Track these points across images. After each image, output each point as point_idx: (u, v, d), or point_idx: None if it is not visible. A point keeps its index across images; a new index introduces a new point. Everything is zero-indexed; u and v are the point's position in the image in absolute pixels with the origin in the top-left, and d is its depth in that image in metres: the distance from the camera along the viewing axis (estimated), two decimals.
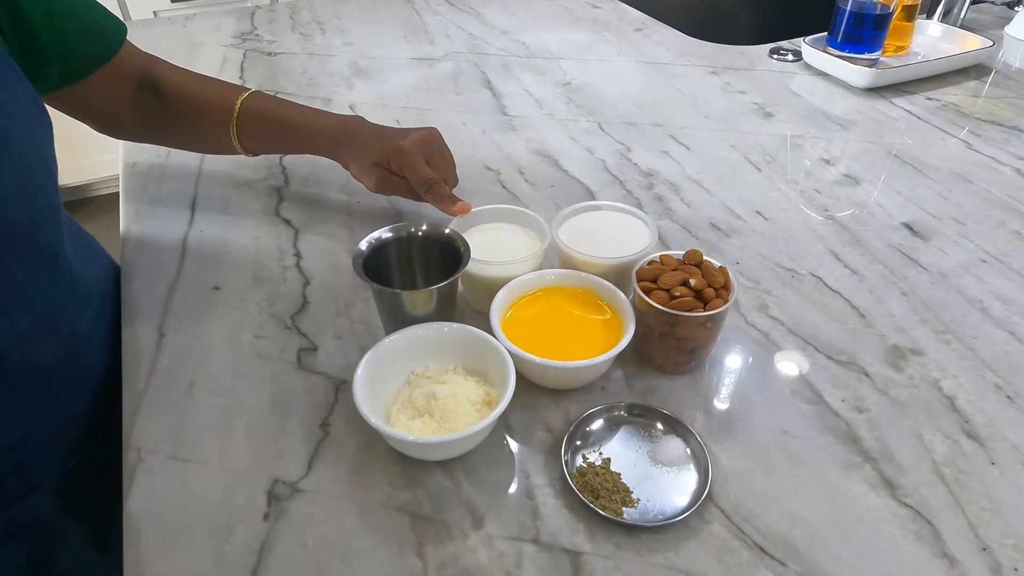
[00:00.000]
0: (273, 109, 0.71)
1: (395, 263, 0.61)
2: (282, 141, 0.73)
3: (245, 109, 0.70)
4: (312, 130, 0.70)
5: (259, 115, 0.70)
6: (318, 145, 0.71)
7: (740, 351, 0.62)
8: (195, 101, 0.71)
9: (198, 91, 0.72)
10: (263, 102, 0.71)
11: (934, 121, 0.97)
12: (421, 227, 0.61)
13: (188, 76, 0.73)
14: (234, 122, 0.70)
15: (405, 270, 0.62)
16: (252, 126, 0.70)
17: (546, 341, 0.57)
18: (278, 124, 0.71)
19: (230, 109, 0.70)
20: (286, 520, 0.48)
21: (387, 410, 0.54)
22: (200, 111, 0.71)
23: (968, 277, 0.70)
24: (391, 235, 0.60)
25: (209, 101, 0.71)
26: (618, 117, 0.98)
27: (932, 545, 0.47)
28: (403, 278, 0.62)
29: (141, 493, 0.50)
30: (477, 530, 0.48)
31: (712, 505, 0.49)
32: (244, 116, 0.70)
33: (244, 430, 0.54)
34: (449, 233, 0.60)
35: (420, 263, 0.62)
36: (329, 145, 0.71)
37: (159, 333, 0.63)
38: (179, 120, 0.72)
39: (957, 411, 0.56)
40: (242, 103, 0.70)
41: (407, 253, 0.61)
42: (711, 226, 0.77)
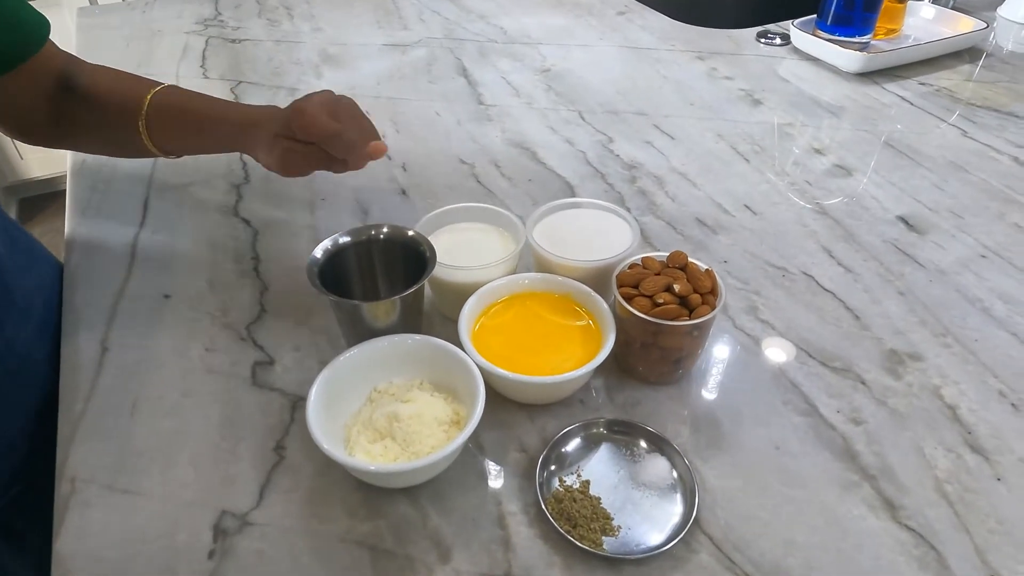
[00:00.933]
0: (184, 102, 0.64)
1: (355, 270, 0.56)
2: (190, 135, 0.64)
3: (155, 103, 0.62)
4: (222, 121, 0.62)
5: (169, 109, 0.62)
6: (229, 136, 0.63)
7: (728, 358, 0.58)
8: (105, 98, 0.63)
9: (109, 87, 0.64)
10: (175, 96, 0.64)
11: (927, 107, 0.93)
12: (382, 230, 0.56)
13: (103, 72, 0.65)
14: (143, 117, 0.61)
15: (366, 277, 0.57)
16: (162, 121, 0.62)
17: (520, 352, 0.53)
18: (188, 117, 0.63)
19: (140, 103, 0.62)
20: (233, 559, 0.44)
21: (347, 431, 0.49)
22: (110, 107, 0.63)
23: (968, 274, 0.66)
24: (349, 239, 0.55)
25: (119, 96, 0.63)
26: (600, 106, 0.93)
27: (937, 573, 0.43)
28: (364, 286, 0.57)
29: (73, 531, 0.45)
30: (443, 565, 0.44)
31: (699, 532, 0.45)
32: (154, 110, 0.62)
33: (190, 456, 0.50)
34: (413, 236, 0.55)
35: (382, 269, 0.57)
36: (238, 135, 0.62)
37: (102, 347, 0.58)
38: (90, 120, 0.64)
39: (960, 422, 0.53)
40: (152, 96, 0.62)
41: (368, 259, 0.56)
42: (697, 222, 0.73)
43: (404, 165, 0.81)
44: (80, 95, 0.63)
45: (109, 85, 0.64)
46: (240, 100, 0.93)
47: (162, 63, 1.02)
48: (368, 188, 0.77)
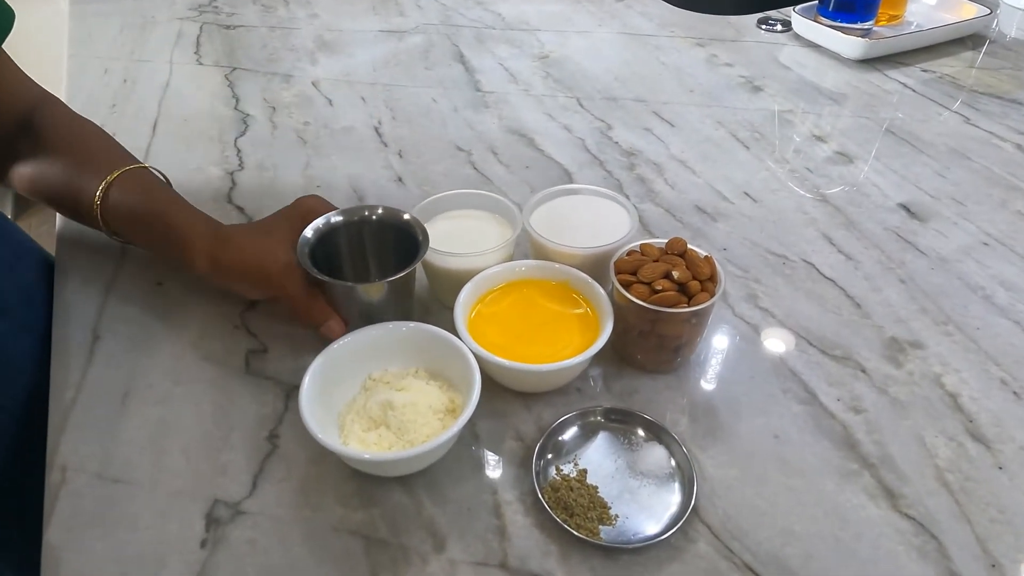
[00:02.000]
0: (149, 187, 0.57)
1: (346, 252, 0.55)
2: (139, 236, 0.58)
3: (123, 178, 0.56)
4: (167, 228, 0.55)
5: (135, 188, 0.56)
6: (185, 242, 0.55)
7: (728, 346, 0.57)
8: (71, 153, 0.58)
9: (82, 141, 0.59)
10: (145, 180, 0.58)
11: (930, 94, 0.92)
12: (376, 211, 0.55)
13: (79, 124, 0.61)
14: (101, 188, 0.55)
15: (358, 259, 0.56)
16: (119, 200, 0.56)
17: (516, 340, 0.52)
18: (139, 218, 0.56)
19: (105, 173, 0.56)
20: (225, 548, 0.43)
21: (340, 420, 0.49)
22: (72, 162, 0.58)
23: (969, 262, 0.65)
24: (341, 219, 0.54)
25: (87, 158, 0.58)
26: (598, 92, 0.92)
27: (937, 562, 0.43)
28: (356, 268, 0.56)
29: (63, 521, 0.45)
30: (438, 554, 0.43)
31: (698, 521, 0.45)
32: (116, 185, 0.56)
33: (182, 445, 0.49)
34: (407, 219, 0.54)
35: (374, 251, 0.56)
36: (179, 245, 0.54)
37: (93, 335, 0.57)
38: (42, 165, 0.58)
39: (961, 410, 0.52)
40: (122, 173, 0.56)
41: (359, 240, 0.55)
42: (696, 209, 0.72)
43: (400, 152, 0.80)
44: (40, 140, 0.58)
45: (77, 142, 0.59)
46: (235, 87, 0.92)
47: (156, 50, 1.01)
48: (363, 175, 0.76)
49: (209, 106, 0.88)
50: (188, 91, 0.91)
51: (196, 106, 0.88)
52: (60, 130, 0.59)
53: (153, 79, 0.94)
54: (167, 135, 0.83)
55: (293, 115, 0.87)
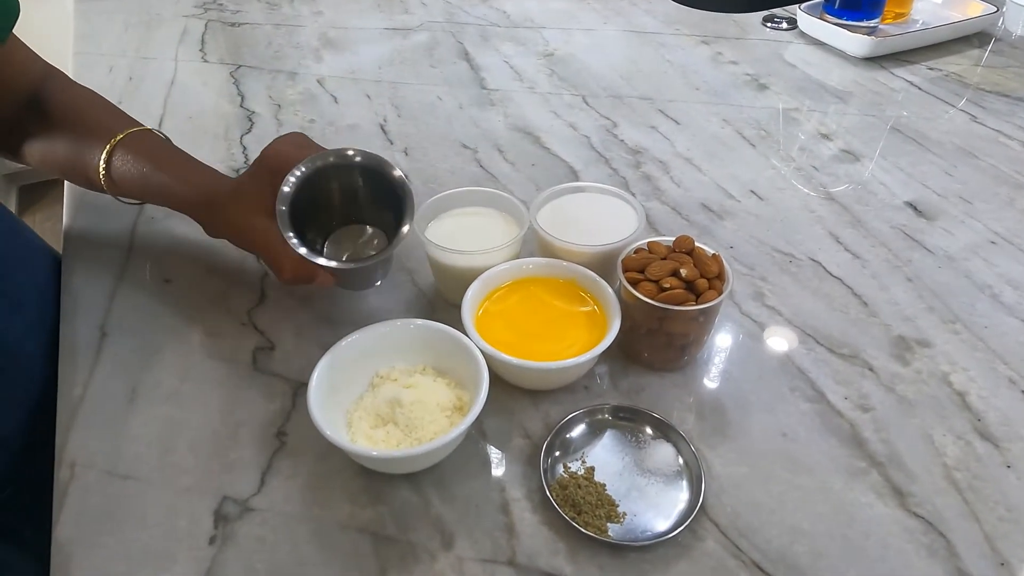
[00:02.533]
0: (149, 156, 0.58)
1: (331, 196, 0.53)
2: (148, 193, 0.59)
3: (125, 142, 0.57)
4: (178, 187, 0.57)
5: (132, 161, 0.57)
6: (188, 207, 0.57)
7: (734, 345, 0.57)
8: (71, 125, 0.59)
9: (80, 114, 0.60)
10: (148, 142, 0.59)
11: (936, 92, 0.92)
12: (355, 157, 0.51)
13: (81, 95, 0.62)
14: (105, 152, 0.57)
15: (345, 202, 0.54)
16: (120, 172, 0.57)
17: (524, 338, 0.52)
18: (149, 176, 0.57)
19: (104, 145, 0.57)
20: (234, 544, 0.43)
21: (348, 417, 0.49)
22: (72, 137, 0.59)
23: (977, 260, 0.65)
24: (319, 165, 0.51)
25: (85, 129, 0.59)
26: (603, 90, 0.92)
27: (946, 560, 0.43)
28: (343, 210, 0.55)
29: (72, 517, 0.45)
30: (447, 551, 0.43)
31: (706, 519, 0.45)
32: (119, 149, 0.57)
33: (190, 442, 0.49)
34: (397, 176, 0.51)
35: (361, 194, 0.54)
36: (194, 206, 0.57)
37: (101, 332, 0.57)
38: (47, 144, 0.60)
39: (969, 408, 0.52)
40: (125, 136, 0.57)
41: (344, 184, 0.53)
42: (703, 207, 0.72)
43: (406, 150, 0.80)
44: (51, 113, 0.59)
45: (80, 112, 0.60)
46: (240, 84, 0.92)
47: (161, 47, 1.01)
48: None
49: (214, 104, 0.88)
50: (193, 88, 0.92)
51: (201, 103, 0.88)
52: (63, 102, 0.60)
53: (158, 76, 0.94)
54: (173, 132, 0.81)
55: (298, 112, 0.87)
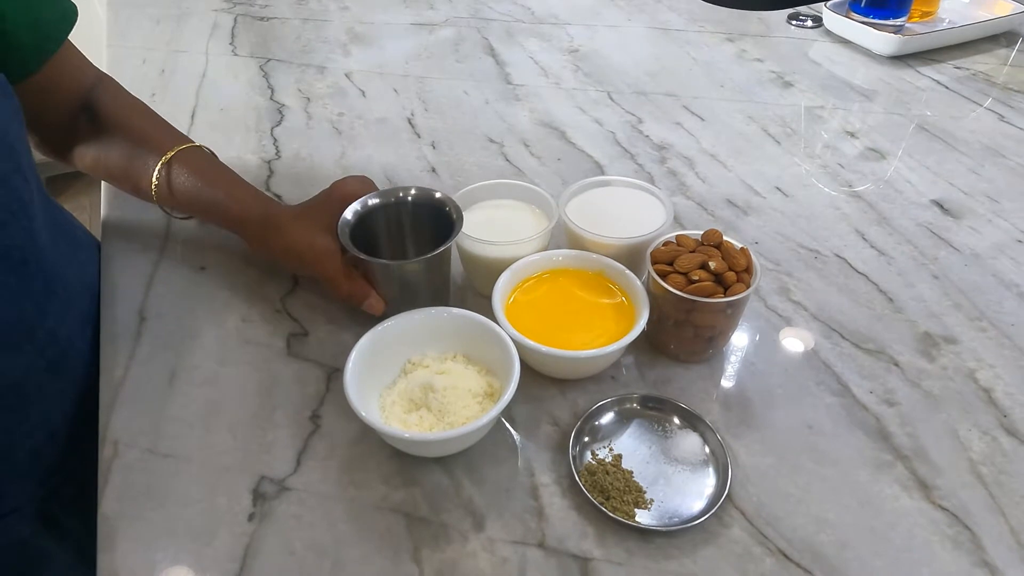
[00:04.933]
0: (204, 168, 0.60)
1: (384, 232, 0.57)
2: (198, 211, 0.62)
3: (178, 158, 0.60)
4: (229, 208, 0.59)
5: (190, 169, 0.60)
6: (239, 225, 0.60)
7: (761, 338, 0.58)
8: (129, 134, 0.61)
9: (136, 122, 0.63)
10: (199, 160, 0.61)
11: (963, 91, 0.92)
12: (410, 192, 0.56)
13: (134, 105, 0.64)
14: (159, 167, 0.59)
15: (395, 238, 0.58)
16: (173, 189, 0.60)
17: (553, 328, 0.53)
18: (202, 192, 0.59)
19: (161, 153, 0.59)
20: (272, 522, 0.45)
21: (381, 401, 0.50)
22: (126, 150, 0.61)
23: (1004, 259, 0.65)
24: (379, 201, 0.56)
25: (143, 138, 0.61)
26: (628, 87, 0.93)
27: (971, 553, 0.43)
28: (393, 246, 0.58)
29: (116, 492, 0.46)
30: (478, 533, 0.44)
31: (732, 507, 0.46)
32: (174, 165, 0.59)
33: (229, 423, 0.51)
34: (440, 198, 0.56)
35: (411, 231, 0.57)
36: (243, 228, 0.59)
37: (140, 317, 0.59)
38: (102, 154, 0.62)
39: (995, 404, 0.52)
40: (177, 152, 0.60)
41: (396, 221, 0.57)
42: (728, 203, 0.72)
43: (433, 143, 0.81)
44: (103, 122, 0.61)
45: (133, 122, 0.62)
46: (270, 77, 0.94)
47: (191, 41, 1.03)
48: (398, 166, 0.77)
49: (245, 96, 0.90)
50: (224, 81, 0.93)
51: (233, 96, 0.90)
52: (116, 110, 0.62)
53: (190, 69, 0.96)
54: (205, 124, 0.84)
55: (327, 106, 0.88)
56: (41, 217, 0.54)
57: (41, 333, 0.53)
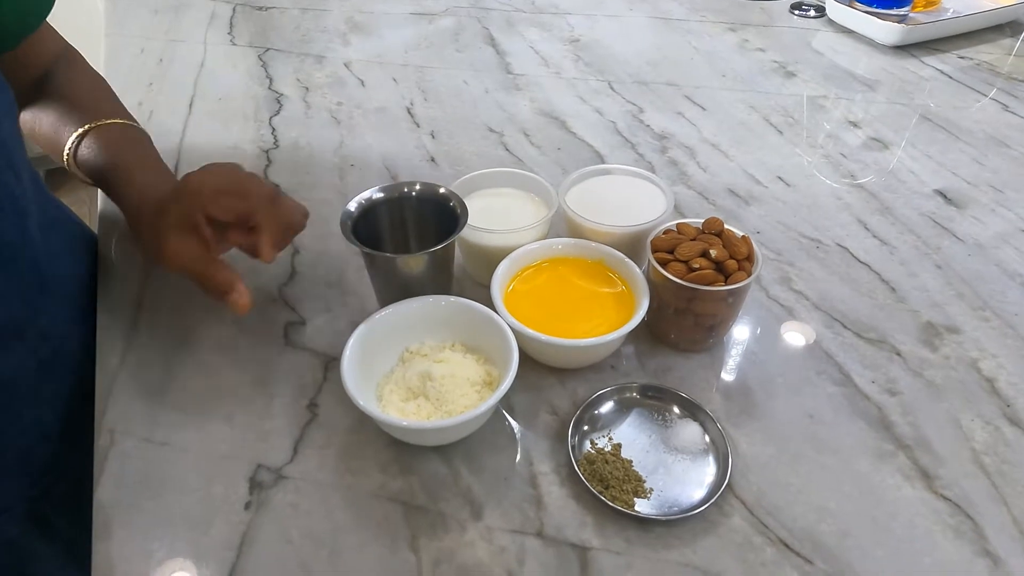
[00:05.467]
0: (117, 143, 0.57)
1: (387, 226, 0.56)
2: (102, 184, 0.58)
3: (97, 131, 0.57)
4: (124, 187, 0.55)
5: (103, 143, 0.56)
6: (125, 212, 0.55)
7: (762, 328, 0.57)
8: (67, 102, 0.59)
9: (77, 95, 0.60)
10: (116, 136, 0.57)
11: (967, 81, 0.91)
12: (415, 187, 0.56)
13: (83, 79, 0.62)
14: (74, 136, 0.56)
15: (398, 234, 0.57)
16: (85, 152, 0.57)
17: (552, 316, 0.52)
18: (104, 170, 0.56)
19: (84, 124, 0.57)
20: (269, 510, 0.45)
21: (379, 390, 0.50)
22: (63, 110, 0.58)
23: (1007, 248, 0.65)
24: (382, 196, 0.55)
25: (76, 107, 0.58)
26: (629, 76, 0.92)
27: (974, 543, 0.43)
28: (395, 242, 0.57)
29: (112, 480, 0.46)
30: (476, 522, 0.44)
31: (732, 497, 0.45)
32: (89, 135, 0.56)
33: (225, 412, 0.50)
34: (445, 193, 0.55)
35: (414, 226, 0.57)
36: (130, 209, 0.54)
37: (137, 306, 0.59)
38: (41, 110, 0.59)
39: (998, 394, 0.52)
40: (98, 125, 0.57)
41: (400, 215, 0.56)
42: (729, 192, 0.72)
43: (432, 133, 0.81)
44: (46, 89, 0.60)
45: (75, 93, 0.60)
46: (268, 67, 0.93)
47: (190, 30, 1.02)
48: (397, 155, 0.77)
49: (244, 86, 0.89)
50: (223, 71, 0.93)
51: (231, 85, 0.89)
52: (65, 82, 0.61)
53: (188, 59, 0.95)
54: (203, 113, 0.84)
55: (326, 95, 0.88)
56: (36, 213, 0.53)
57: (32, 332, 0.52)
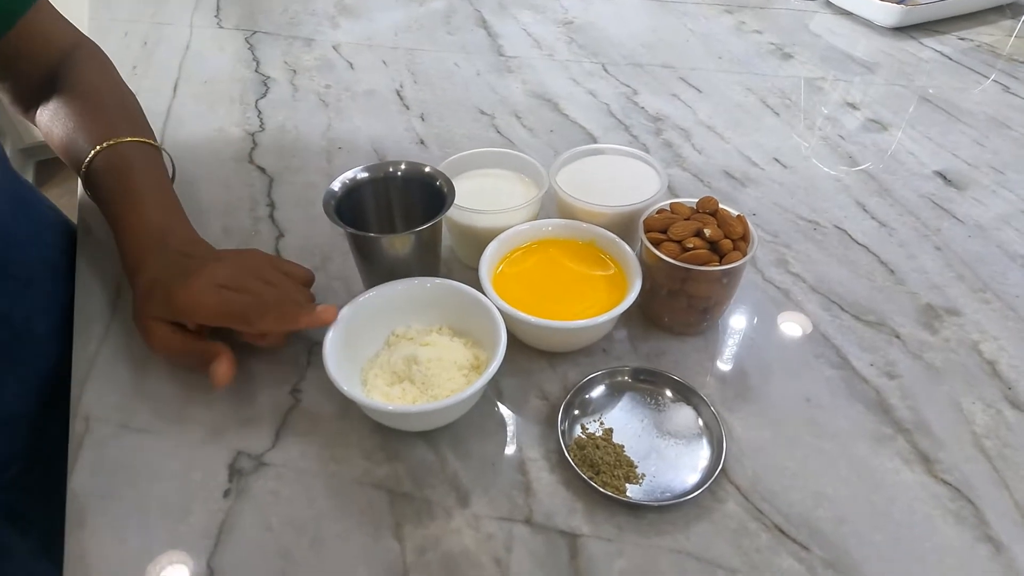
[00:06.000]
0: (128, 168, 0.54)
1: (372, 207, 0.54)
2: (107, 208, 0.55)
3: (112, 151, 0.54)
4: (124, 228, 0.52)
5: (113, 167, 0.54)
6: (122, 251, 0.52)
7: (757, 310, 0.56)
8: (81, 110, 0.57)
9: (91, 103, 0.57)
10: (132, 158, 0.55)
11: (967, 62, 0.89)
12: (400, 166, 0.54)
13: (98, 82, 0.60)
14: (90, 156, 0.54)
15: (383, 214, 0.55)
16: (101, 172, 0.54)
17: (542, 299, 0.51)
18: (113, 199, 0.53)
19: (99, 141, 0.54)
20: (249, 498, 0.43)
21: (364, 374, 0.48)
22: (77, 121, 0.56)
23: (1008, 230, 0.63)
24: (367, 175, 0.53)
25: (91, 119, 0.56)
26: (624, 58, 0.90)
27: (974, 528, 0.42)
28: (381, 223, 0.55)
29: (88, 468, 0.45)
30: (462, 509, 0.43)
31: (727, 482, 0.44)
32: (104, 156, 0.54)
33: (205, 398, 0.49)
34: (430, 172, 0.53)
35: (400, 206, 0.55)
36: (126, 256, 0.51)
37: (116, 291, 0.57)
38: (57, 115, 0.57)
39: (999, 377, 0.51)
40: (114, 144, 0.54)
41: (385, 195, 0.54)
42: (725, 174, 0.70)
43: (422, 115, 0.79)
44: (62, 88, 0.58)
45: (93, 98, 0.58)
46: (256, 50, 0.91)
47: (176, 13, 1.00)
48: (386, 137, 0.75)
49: (230, 69, 0.87)
50: (209, 54, 0.91)
51: (217, 68, 0.87)
52: (79, 81, 0.59)
53: (174, 42, 0.93)
54: (188, 96, 0.82)
55: (314, 78, 0.86)
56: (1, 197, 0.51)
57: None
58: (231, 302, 0.47)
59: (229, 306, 0.47)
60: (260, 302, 0.47)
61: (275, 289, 0.49)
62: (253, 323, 0.46)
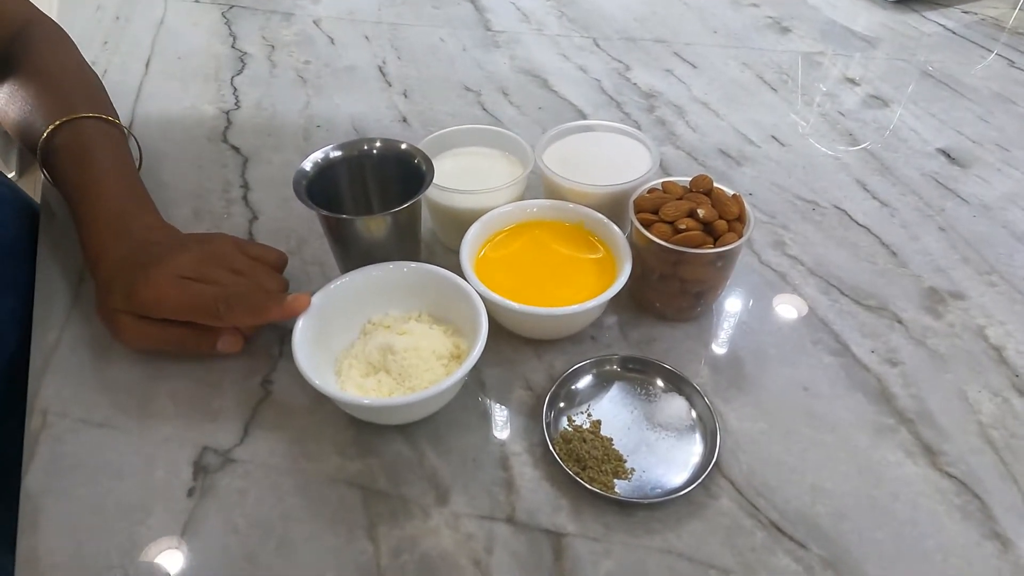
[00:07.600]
0: (87, 147, 0.52)
1: (347, 187, 0.51)
2: (66, 190, 0.52)
3: (70, 128, 0.52)
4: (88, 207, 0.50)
5: (72, 145, 0.52)
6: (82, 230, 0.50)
7: (753, 295, 0.53)
8: (35, 88, 0.54)
9: (45, 81, 0.54)
10: (91, 136, 0.52)
11: (971, 36, 0.86)
12: (375, 144, 0.51)
13: (50, 59, 0.56)
14: (46, 133, 0.52)
15: (359, 195, 0.52)
16: (59, 151, 0.52)
17: (527, 284, 0.48)
18: (72, 178, 0.51)
19: (56, 118, 0.52)
20: (214, 497, 0.41)
21: (338, 365, 0.46)
22: (30, 100, 0.54)
23: (1015, 209, 0.61)
24: (340, 154, 0.50)
25: (45, 97, 0.54)
26: (616, 33, 0.87)
27: (981, 524, 0.40)
28: (356, 204, 0.52)
29: (43, 467, 0.42)
30: (441, 507, 0.40)
31: (720, 476, 0.42)
32: (62, 135, 0.52)
33: (171, 390, 0.46)
34: (407, 149, 0.50)
35: (376, 187, 0.52)
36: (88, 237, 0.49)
37: (79, 277, 0.54)
38: (10, 94, 0.55)
39: (1006, 363, 0.48)
40: (72, 120, 0.52)
41: (360, 175, 0.51)
42: (720, 153, 0.67)
43: (405, 92, 0.76)
44: (15, 66, 0.55)
45: (48, 75, 0.55)
46: (232, 25, 0.87)
47: None
48: (366, 115, 0.72)
49: (205, 44, 0.84)
50: (183, 28, 0.87)
51: (191, 44, 0.84)
52: (36, 59, 0.55)
53: (147, 16, 0.89)
54: (160, 73, 0.78)
55: (293, 54, 0.82)
56: None
57: None
58: (196, 295, 0.44)
59: (194, 299, 0.44)
60: (227, 293, 0.44)
61: (243, 278, 0.46)
62: (221, 316, 0.44)
